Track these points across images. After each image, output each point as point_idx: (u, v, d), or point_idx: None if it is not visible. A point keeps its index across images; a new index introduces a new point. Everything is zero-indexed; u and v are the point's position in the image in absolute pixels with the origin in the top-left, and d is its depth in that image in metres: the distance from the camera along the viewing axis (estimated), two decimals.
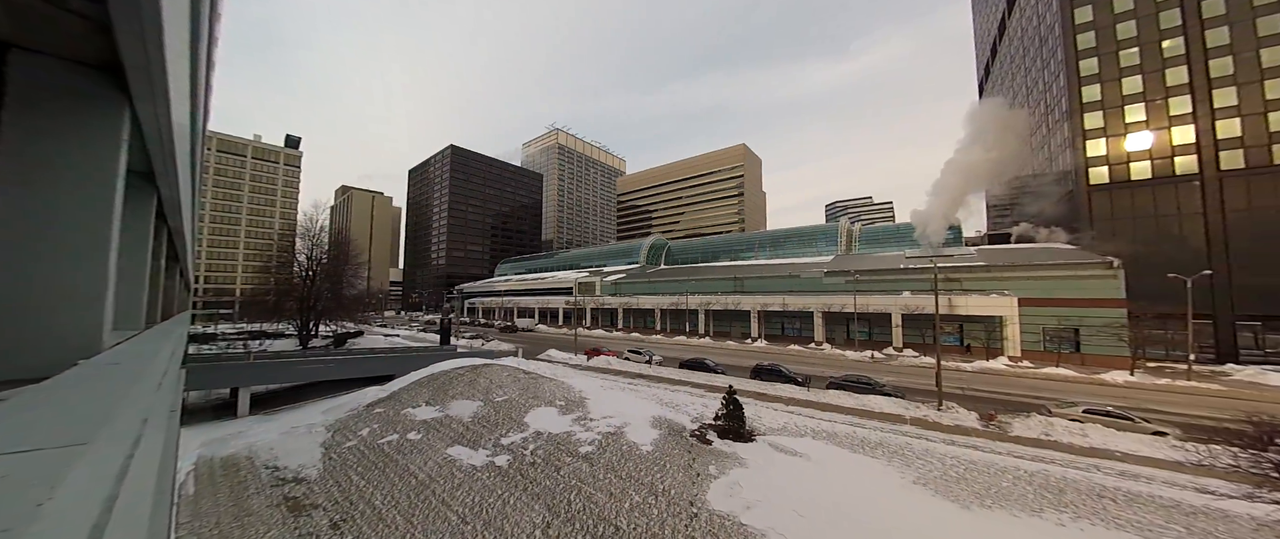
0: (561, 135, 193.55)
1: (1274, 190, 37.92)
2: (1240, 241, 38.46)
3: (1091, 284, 38.10)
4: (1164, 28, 42.91)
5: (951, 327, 42.33)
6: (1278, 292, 36.75)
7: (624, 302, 69.68)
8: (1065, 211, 49.58)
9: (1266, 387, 27.93)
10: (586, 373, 32.33)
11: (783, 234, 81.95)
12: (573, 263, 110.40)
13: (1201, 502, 12.29)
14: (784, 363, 32.28)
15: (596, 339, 56.47)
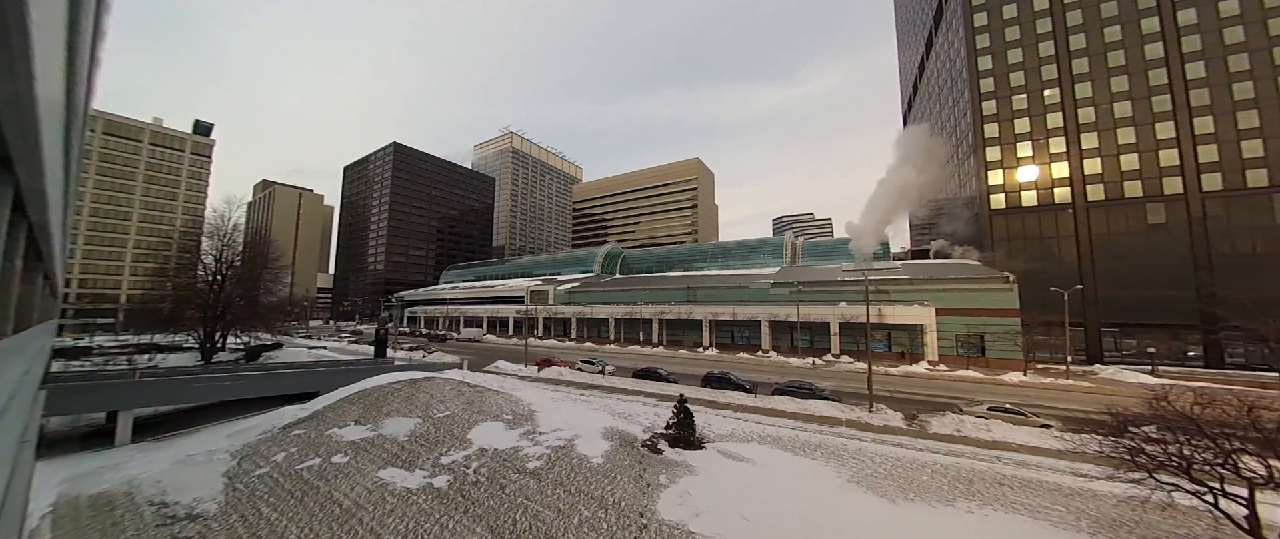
0: (516, 139, 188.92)
1: (1125, 219, 45.81)
2: (1103, 261, 45.90)
3: (992, 296, 43.40)
4: (1044, 79, 50.70)
5: (881, 334, 46.20)
6: (1129, 303, 44.23)
7: (578, 311, 68.68)
8: (974, 232, 56.28)
9: (1124, 383, 33.26)
10: (537, 384, 31.31)
11: (733, 246, 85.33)
12: (525, 270, 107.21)
13: (1077, 484, 14.30)
14: (733, 370, 33.37)
15: (548, 349, 54.99)
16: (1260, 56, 42.08)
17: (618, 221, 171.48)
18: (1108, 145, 47.06)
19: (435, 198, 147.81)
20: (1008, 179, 51.35)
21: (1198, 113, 43.81)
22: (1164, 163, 44.75)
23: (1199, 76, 44.09)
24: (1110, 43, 47.96)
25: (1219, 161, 42.82)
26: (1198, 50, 44.35)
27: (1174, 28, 45.39)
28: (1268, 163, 41.17)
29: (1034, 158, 50.29)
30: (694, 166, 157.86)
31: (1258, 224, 41.23)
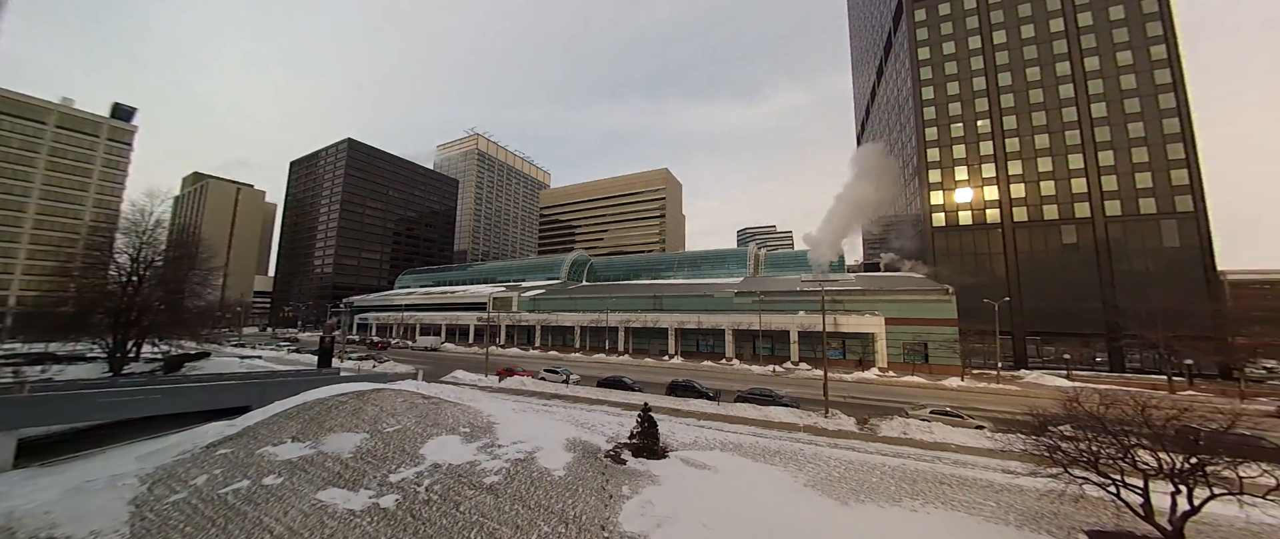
0: (482, 141, 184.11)
1: (1044, 239, 51.07)
2: (1027, 276, 50.81)
3: (934, 307, 46.81)
4: (977, 110, 55.96)
5: (837, 342, 48.50)
6: (1048, 314, 49.14)
7: (543, 318, 67.23)
8: (919, 247, 60.61)
9: (1044, 386, 36.74)
10: (498, 395, 30.22)
11: (699, 256, 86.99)
12: (488, 276, 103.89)
13: (1006, 480, 15.56)
14: (698, 379, 33.78)
15: (511, 358, 53.35)
16: (1149, 101, 48.69)
17: (586, 228, 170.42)
18: (1030, 172, 52.49)
19: (393, 198, 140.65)
20: (947, 199, 55.93)
21: (1101, 147, 49.89)
22: (1075, 190, 50.46)
23: (1101, 116, 50.31)
24: (1031, 82, 53.80)
25: (1118, 191, 48.84)
26: (1101, 93, 50.67)
27: (1082, 72, 51.65)
28: (1155, 193, 47.45)
29: (969, 181, 55.15)
30: (662, 176, 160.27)
31: (1148, 246, 47.28)
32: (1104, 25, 51.25)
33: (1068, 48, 52.49)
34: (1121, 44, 50.33)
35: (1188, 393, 34.54)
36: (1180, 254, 46.01)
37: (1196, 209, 45.77)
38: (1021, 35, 54.84)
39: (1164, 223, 46.84)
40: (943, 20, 59.06)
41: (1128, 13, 50.42)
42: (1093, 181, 49.76)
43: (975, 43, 57.03)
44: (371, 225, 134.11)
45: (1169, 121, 47.55)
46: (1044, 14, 54.07)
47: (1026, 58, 54.31)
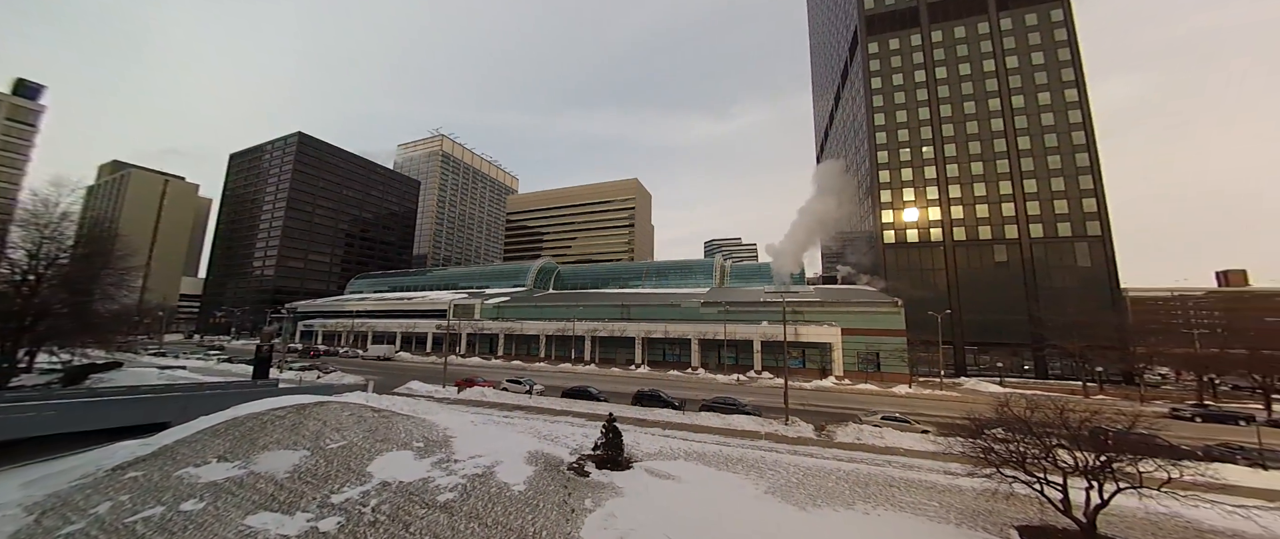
0: (447, 142, 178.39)
1: (980, 257, 55.78)
2: (965, 291, 55.17)
3: (885, 318, 49.73)
4: (923, 138, 60.75)
5: (797, 352, 50.30)
6: (984, 325, 53.48)
7: (507, 326, 65.25)
8: (872, 262, 64.39)
9: (981, 392, 39.76)
10: (455, 407, 28.88)
11: (667, 266, 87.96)
12: (450, 282, 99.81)
13: (947, 481, 16.62)
14: (664, 388, 33.88)
15: (471, 368, 51.27)
16: (1063, 137, 54.81)
17: (554, 236, 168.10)
18: (968, 196, 57.44)
19: (347, 198, 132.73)
20: (896, 218, 60.00)
21: (1026, 176, 55.48)
22: (1005, 214, 55.67)
23: (1026, 148, 56.05)
24: (968, 115, 59.20)
25: (1040, 215, 54.37)
26: (1025, 128, 56.52)
27: (1009, 109, 57.47)
28: (1070, 218, 53.21)
29: (915, 202, 59.53)
30: (633, 186, 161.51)
31: (1065, 265, 52.77)
32: (1027, 68, 57.47)
33: (998, 86, 58.34)
34: (1041, 86, 56.57)
35: (1099, 397, 38.53)
36: (1091, 273, 51.69)
37: (1103, 233, 51.74)
38: (959, 73, 60.40)
39: (1078, 245, 52.55)
40: (893, 54, 64.03)
41: (1046, 58, 56.86)
42: (1020, 207, 55.14)
43: (921, 77, 62.18)
44: (321, 226, 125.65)
45: (1080, 156, 53.73)
46: (978, 55, 59.91)
47: (964, 93, 59.81)
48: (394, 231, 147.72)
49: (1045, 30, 57.27)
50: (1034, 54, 57.39)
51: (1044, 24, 57.44)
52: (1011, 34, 58.68)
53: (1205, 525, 13.39)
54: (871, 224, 63.54)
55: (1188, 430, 27.58)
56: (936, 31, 62.25)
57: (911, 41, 63.35)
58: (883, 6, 65.95)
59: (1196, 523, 13.47)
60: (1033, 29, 57.87)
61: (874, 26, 65.91)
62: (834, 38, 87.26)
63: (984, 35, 59.91)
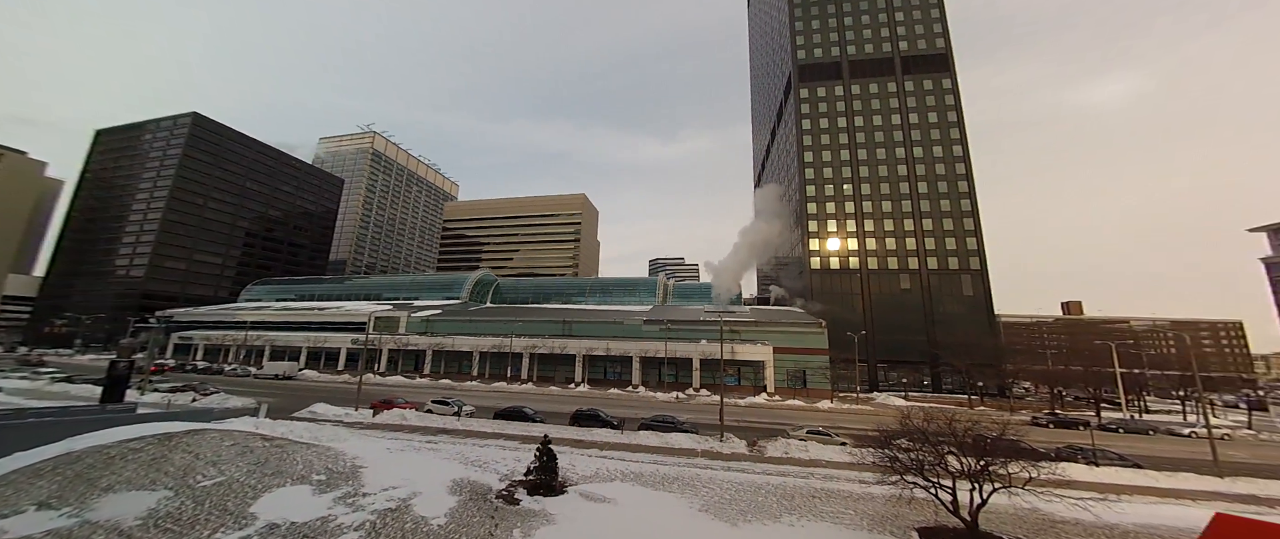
0: (380, 139, 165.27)
1: (889, 284, 62.79)
2: (877, 313, 61.57)
3: (811, 338, 53.76)
4: (844, 176, 67.96)
5: (733, 369, 52.36)
6: (892, 345, 59.83)
7: (436, 342, 60.43)
8: (801, 285, 69.68)
9: (890, 406, 44.12)
10: (370, 433, 25.89)
11: (612, 282, 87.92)
12: (371, 292, 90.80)
13: (861, 490, 18.04)
14: (604, 407, 33.27)
15: (391, 388, 46.55)
16: (950, 184, 64.39)
17: (494, 247, 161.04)
18: (879, 229, 64.91)
19: (251, 192, 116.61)
20: (822, 246, 65.93)
21: (924, 216, 64.12)
22: (908, 247, 63.61)
23: (924, 192, 65.00)
24: (879, 160, 67.53)
25: (935, 249, 62.87)
26: (923, 174, 65.65)
27: (910, 157, 66.55)
28: (957, 253, 62.15)
29: (838, 232, 66.01)
30: (580, 201, 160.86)
31: (954, 293, 61.20)
32: (924, 125, 67.32)
33: (903, 138, 67.50)
34: (935, 141, 66.46)
35: (981, 408, 44.61)
36: (974, 301, 60.46)
37: (982, 268, 61.05)
38: (874, 123, 69.09)
39: (963, 276, 61.40)
40: (821, 101, 71.68)
41: (938, 119, 67.11)
42: (919, 241, 63.41)
43: (843, 123, 70.11)
44: (215, 222, 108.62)
45: (964, 202, 63.47)
46: (888, 110, 69.13)
47: (877, 140, 68.34)
48: (308, 233, 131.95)
49: (937, 96, 67.78)
50: (929, 114, 67.48)
51: (936, 90, 68.00)
52: (913, 95, 68.62)
53: (1056, 517, 15.84)
54: (801, 250, 69.14)
55: (1043, 435, 32.76)
56: (856, 86, 70.94)
57: (836, 92, 71.48)
58: (813, 58, 73.93)
59: (1050, 516, 15.88)
60: (929, 93, 68.20)
61: (805, 75, 73.47)
62: (772, 80, 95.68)
63: (892, 93, 69.38)
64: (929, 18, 71.10)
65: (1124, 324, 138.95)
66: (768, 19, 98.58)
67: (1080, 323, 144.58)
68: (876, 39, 72.28)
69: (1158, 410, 54.50)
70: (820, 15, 75.38)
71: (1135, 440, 34.20)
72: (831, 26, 74.32)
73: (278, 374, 54.19)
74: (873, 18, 73.18)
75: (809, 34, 74.93)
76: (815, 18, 75.48)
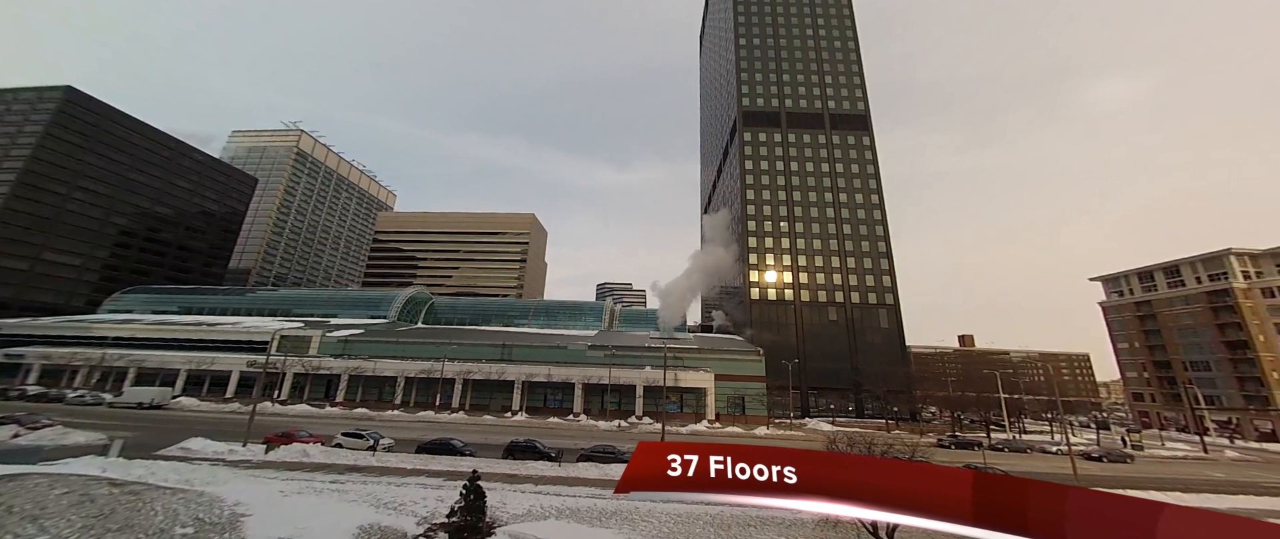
0: (307, 138, 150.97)
1: (819, 315, 67.78)
2: (809, 342, 65.85)
3: (749, 365, 55.97)
4: (781, 214, 73.62)
5: (676, 396, 52.65)
6: (822, 372, 63.98)
7: (355, 366, 54.27)
8: (743, 315, 72.90)
9: (820, 431, 46.67)
10: (261, 472, 22.26)
11: (557, 306, 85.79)
12: (280, 306, 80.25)
13: (792, 516, 18.64)
14: (542, 438, 31.62)
15: (294, 419, 40.71)
16: (869, 228, 72.24)
17: (432, 263, 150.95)
18: (811, 265, 70.52)
19: (135, 184, 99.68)
20: (761, 278, 70.01)
21: (849, 254, 70.92)
22: (835, 282, 69.59)
23: (848, 233, 72.18)
24: (811, 202, 74.27)
25: (858, 285, 69.37)
26: (847, 218, 73.09)
27: (837, 203, 73.99)
28: (875, 290, 69.04)
29: (775, 265, 70.64)
30: (529, 221, 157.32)
31: (874, 326, 67.44)
32: (848, 174, 75.60)
33: (831, 184, 75.11)
34: (857, 189, 74.72)
35: (897, 432, 48.70)
36: (889, 333, 67.01)
37: (895, 303, 68.21)
38: (807, 169, 76.30)
39: (880, 310, 68.09)
40: (762, 144, 78.03)
41: (859, 170, 75.80)
42: (845, 277, 69.73)
43: (781, 166, 76.62)
44: (78, 216, 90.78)
45: (880, 243, 71.31)
46: (819, 158, 76.88)
47: (809, 185, 75.35)
48: (206, 236, 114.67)
49: (859, 150, 76.88)
50: (853, 165, 76.07)
51: (858, 145, 77.17)
52: (840, 148, 77.18)
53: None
54: (742, 281, 72.84)
55: (946, 456, 36.41)
56: (792, 135, 78.38)
57: (775, 138, 78.33)
58: (756, 107, 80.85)
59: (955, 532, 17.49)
60: (852, 147, 77.13)
61: (748, 120, 79.90)
62: (720, 121, 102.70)
63: (822, 145, 77.51)
64: (852, 83, 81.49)
65: (1005, 355, 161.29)
66: (718, 65, 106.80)
67: (973, 354, 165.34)
68: (809, 96, 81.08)
69: (1033, 431, 63.10)
70: (763, 69, 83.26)
71: (1017, 459, 39.18)
72: (772, 80, 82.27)
73: (143, 402, 44.92)
74: (806, 77, 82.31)
75: (753, 84, 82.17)
76: (758, 71, 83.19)
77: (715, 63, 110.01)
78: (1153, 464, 40.44)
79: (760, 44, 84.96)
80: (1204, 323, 69.01)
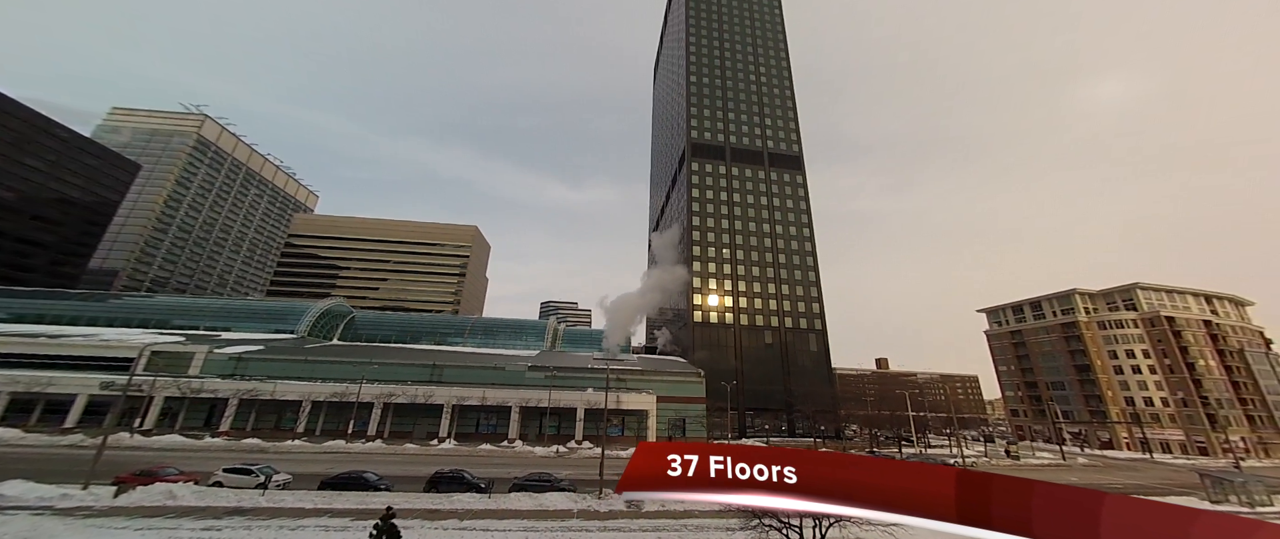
0: (213, 125, 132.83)
1: (756, 338, 71.27)
2: (747, 364, 68.74)
3: (690, 387, 57.04)
4: (724, 242, 77.51)
5: (617, 420, 51.90)
6: (758, 393, 66.81)
7: (247, 388, 46.95)
8: (686, 336, 74.52)
9: None
10: (106, 522, 18.24)
11: (497, 324, 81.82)
12: (155, 316, 67.95)
13: (727, 537, 18.97)
14: (470, 467, 29.39)
15: (161, 454, 34.11)
16: (800, 258, 78.34)
17: (356, 273, 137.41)
18: (749, 290, 74.49)
19: None
20: (704, 301, 72.48)
21: (783, 281, 76.05)
22: (770, 307, 73.99)
23: (782, 263, 77.63)
24: (750, 232, 79.20)
25: (790, 310, 74.30)
26: (781, 248, 78.76)
27: (773, 234, 79.65)
28: (805, 315, 74.37)
29: (717, 290, 73.64)
30: (471, 233, 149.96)
31: (805, 349, 72.22)
32: (784, 208, 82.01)
33: (769, 216, 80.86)
34: (791, 223, 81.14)
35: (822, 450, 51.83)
36: (818, 355, 72.10)
37: (822, 328, 73.89)
38: (748, 201, 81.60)
39: (810, 335, 73.27)
40: (708, 175, 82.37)
41: (793, 206, 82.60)
42: (779, 302, 74.45)
43: (725, 196, 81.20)
44: None
45: (810, 273, 77.48)
46: (758, 192, 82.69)
47: (749, 215, 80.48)
48: (61, 228, 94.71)
49: (794, 187, 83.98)
50: (788, 200, 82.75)
51: (793, 183, 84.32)
52: (777, 184, 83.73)
53: None
54: (686, 304, 74.87)
55: None
56: (736, 168, 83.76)
57: (720, 170, 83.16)
58: (703, 139, 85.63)
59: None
60: (788, 184, 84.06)
61: (696, 151, 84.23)
62: (670, 149, 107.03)
63: (762, 180, 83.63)
64: (788, 126, 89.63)
65: (913, 377, 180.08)
66: (670, 95, 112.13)
67: (887, 375, 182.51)
68: (751, 134, 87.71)
69: (936, 446, 70.52)
70: (711, 104, 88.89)
71: None
72: (719, 117, 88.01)
73: None
74: (748, 117, 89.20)
75: (701, 118, 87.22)
76: (707, 106, 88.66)
77: (668, 94, 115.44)
78: (1026, 471, 46.88)
79: (710, 83, 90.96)
80: (1060, 349, 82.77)
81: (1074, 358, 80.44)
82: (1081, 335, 79.99)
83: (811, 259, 78.37)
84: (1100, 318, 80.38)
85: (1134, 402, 73.42)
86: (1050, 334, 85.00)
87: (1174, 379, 71.78)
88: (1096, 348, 78.87)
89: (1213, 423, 68.00)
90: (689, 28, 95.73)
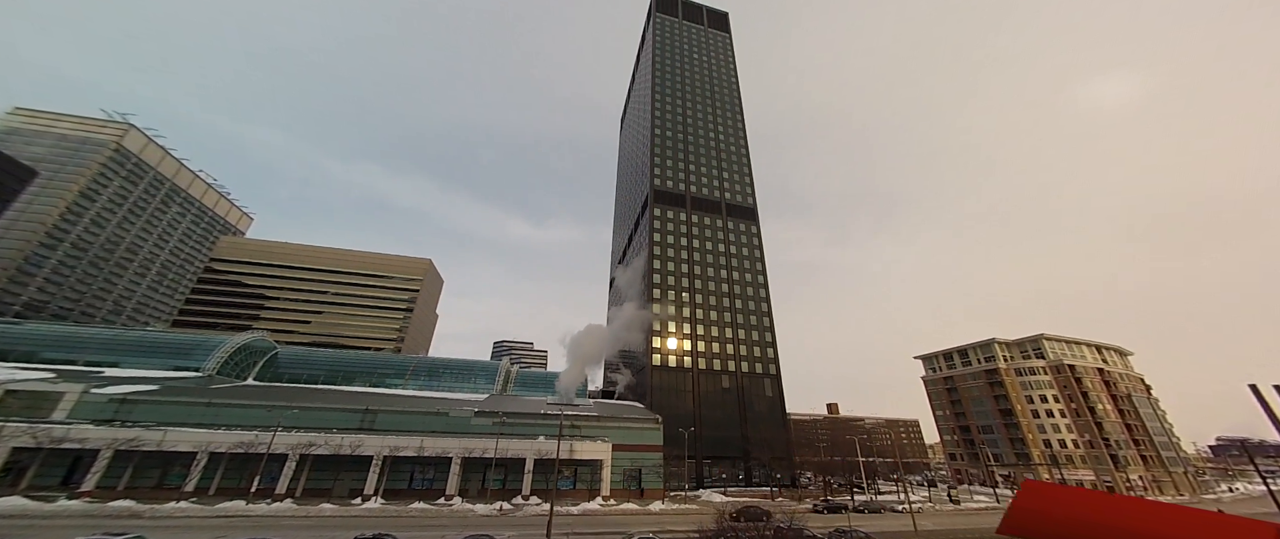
0: (137, 135, 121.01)
1: (713, 383, 71.30)
2: (704, 409, 68.06)
3: (647, 433, 55.25)
4: (683, 286, 79.14)
5: (569, 471, 48.69)
6: (716, 440, 65.75)
7: (127, 436, 39.42)
8: (645, 381, 73.15)
9: (714, 502, 46.67)
10: None
11: (443, 364, 76.46)
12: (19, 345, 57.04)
13: None
14: (397, 531, 26.04)
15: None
16: (756, 304, 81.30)
17: (285, 305, 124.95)
18: (707, 335, 75.50)
19: None
20: (663, 345, 72.31)
21: (740, 327, 77.98)
22: (728, 352, 75.06)
23: (739, 308, 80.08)
24: (708, 278, 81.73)
25: (747, 356, 75.67)
26: (739, 294, 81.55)
27: (730, 281, 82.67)
28: (761, 361, 75.99)
29: (675, 334, 73.99)
30: (424, 266, 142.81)
31: (761, 394, 73.01)
32: (740, 256, 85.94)
33: (726, 263, 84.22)
34: (747, 270, 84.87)
35: (780, 499, 51.10)
36: (772, 401, 72.99)
37: (777, 373, 75.52)
38: (707, 248, 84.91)
39: (765, 380, 74.51)
40: (670, 221, 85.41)
41: (749, 254, 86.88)
42: (736, 347, 75.78)
43: (685, 242, 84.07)
44: None
45: (765, 319, 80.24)
46: (716, 240, 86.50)
47: (708, 262, 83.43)
48: None
49: (748, 238, 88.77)
50: (743, 249, 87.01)
51: (748, 233, 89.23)
52: (733, 233, 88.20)
53: None
54: (645, 347, 74.28)
55: (820, 521, 38.98)
56: (696, 216, 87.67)
57: (681, 217, 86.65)
58: (665, 187, 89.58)
59: None
60: (743, 233, 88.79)
61: (659, 198, 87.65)
62: (634, 193, 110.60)
63: (720, 228, 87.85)
64: (744, 180, 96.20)
65: (861, 421, 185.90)
66: (635, 142, 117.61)
67: (838, 420, 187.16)
68: (710, 185, 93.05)
69: (885, 491, 71.78)
70: (673, 155, 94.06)
71: (875, 519, 43.67)
72: (681, 166, 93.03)
73: None
74: (707, 169, 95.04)
75: (664, 166, 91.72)
76: (670, 155, 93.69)
77: (634, 139, 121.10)
78: (965, 516, 48.57)
79: (672, 136, 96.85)
80: (986, 395, 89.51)
81: (998, 403, 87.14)
82: (1003, 382, 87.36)
83: (766, 305, 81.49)
84: (1017, 365, 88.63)
85: (1051, 444, 79.82)
86: (977, 380, 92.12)
87: (1080, 422, 79.35)
88: (1016, 393, 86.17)
89: (1116, 463, 75.01)
90: (655, 84, 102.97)
